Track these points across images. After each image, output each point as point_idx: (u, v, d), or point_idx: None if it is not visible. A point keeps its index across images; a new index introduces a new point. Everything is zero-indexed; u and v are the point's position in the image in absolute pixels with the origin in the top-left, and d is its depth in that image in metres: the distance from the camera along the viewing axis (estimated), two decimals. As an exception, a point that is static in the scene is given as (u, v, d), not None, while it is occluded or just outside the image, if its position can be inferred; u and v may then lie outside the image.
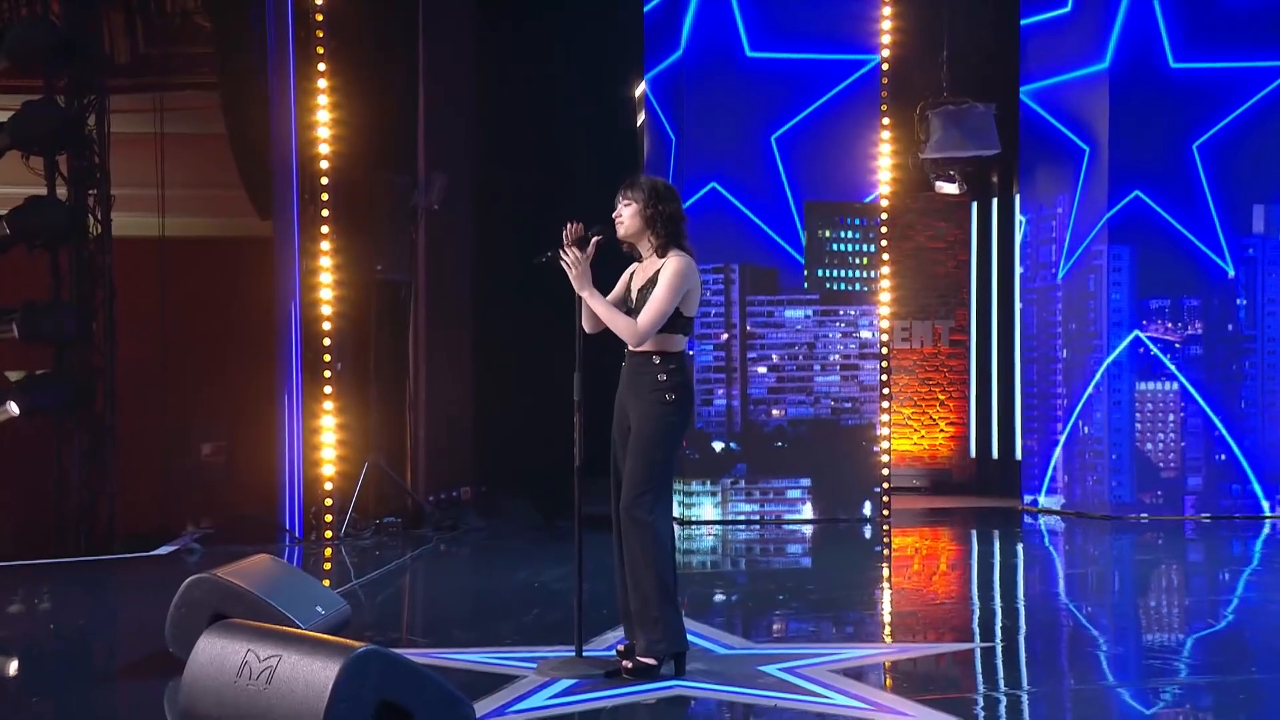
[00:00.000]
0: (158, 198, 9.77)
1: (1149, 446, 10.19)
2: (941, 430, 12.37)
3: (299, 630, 3.73)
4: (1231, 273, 10.03)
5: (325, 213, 8.78)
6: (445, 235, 9.96)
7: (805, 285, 9.87)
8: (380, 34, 9.31)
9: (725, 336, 9.71)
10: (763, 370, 9.82)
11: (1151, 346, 10.18)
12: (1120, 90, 10.08)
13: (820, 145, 9.83)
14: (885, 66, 9.94)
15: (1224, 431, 10.23)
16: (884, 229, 9.97)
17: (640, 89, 10.72)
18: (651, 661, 4.65)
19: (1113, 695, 4.64)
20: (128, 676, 4.88)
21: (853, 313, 9.94)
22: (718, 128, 9.77)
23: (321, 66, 8.75)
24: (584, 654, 4.82)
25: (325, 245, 8.77)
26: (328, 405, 8.77)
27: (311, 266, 8.77)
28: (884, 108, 9.93)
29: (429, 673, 3.65)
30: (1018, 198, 11.69)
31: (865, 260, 9.97)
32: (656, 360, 4.78)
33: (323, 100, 8.78)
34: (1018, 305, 11.72)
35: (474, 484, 10.02)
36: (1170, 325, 10.19)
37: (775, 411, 9.82)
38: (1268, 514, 10.13)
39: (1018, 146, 10.92)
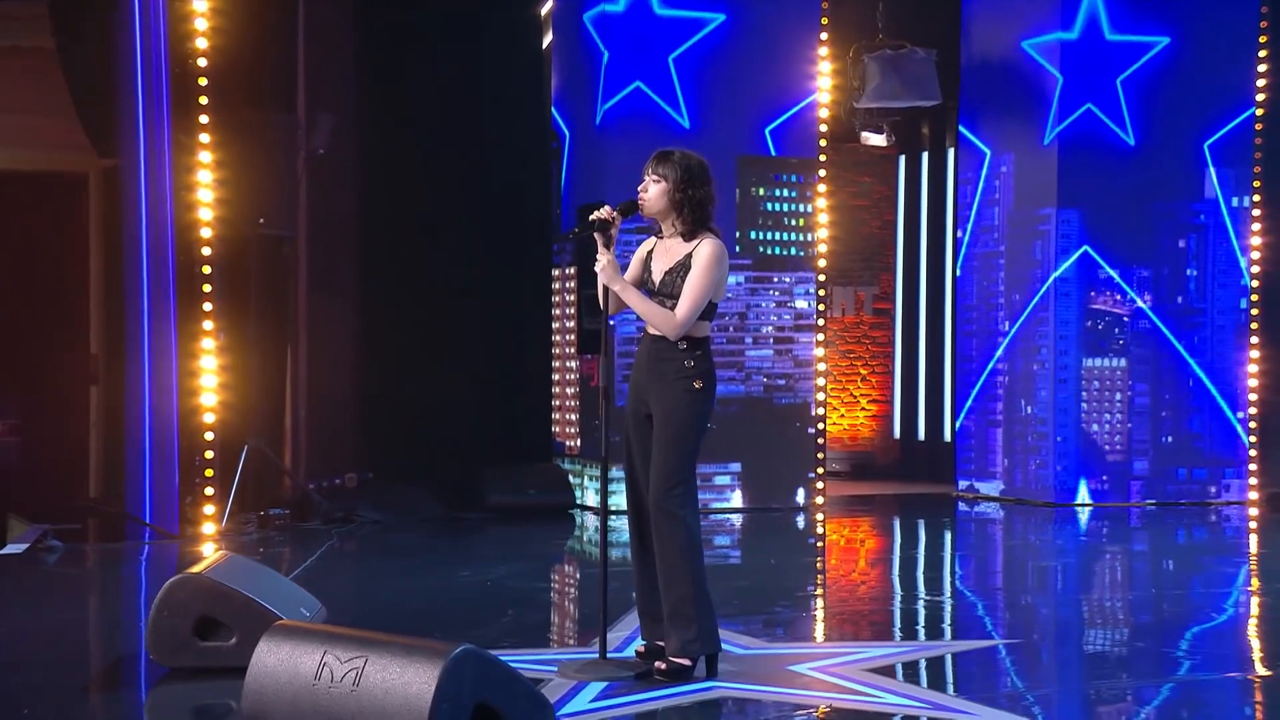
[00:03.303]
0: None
1: (1095, 428, 11.11)
2: (863, 409, 13.12)
3: (371, 633, 4.06)
4: (1132, 141, 11.03)
5: (207, 156, 8.91)
6: (328, 187, 10.16)
7: (737, 249, 10.42)
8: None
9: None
10: (689, 342, 10.33)
11: (1101, 320, 11.09)
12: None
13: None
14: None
15: (1171, 412, 11.24)
16: (822, 186, 10.60)
17: (548, 6, 11.09)
18: (686, 662, 5.10)
19: (1169, 690, 5.33)
20: (104, 687, 5.12)
21: (787, 280, 10.54)
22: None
23: (199, -13, 8.86)
24: (608, 655, 5.27)
25: (206, 195, 8.90)
26: (208, 381, 8.92)
27: (189, 220, 8.89)
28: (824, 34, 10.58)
29: (518, 673, 4.06)
30: (951, 152, 12.50)
31: (801, 222, 10.59)
32: (682, 346, 5.20)
33: (201, 25, 8.90)
34: (949, 271, 12.56)
35: (359, 470, 10.29)
36: (1120, 298, 11.11)
37: (703, 388, 10.35)
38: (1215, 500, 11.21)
39: (958, 95, 11.70)
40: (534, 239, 10.88)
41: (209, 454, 8.90)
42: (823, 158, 10.56)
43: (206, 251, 8.91)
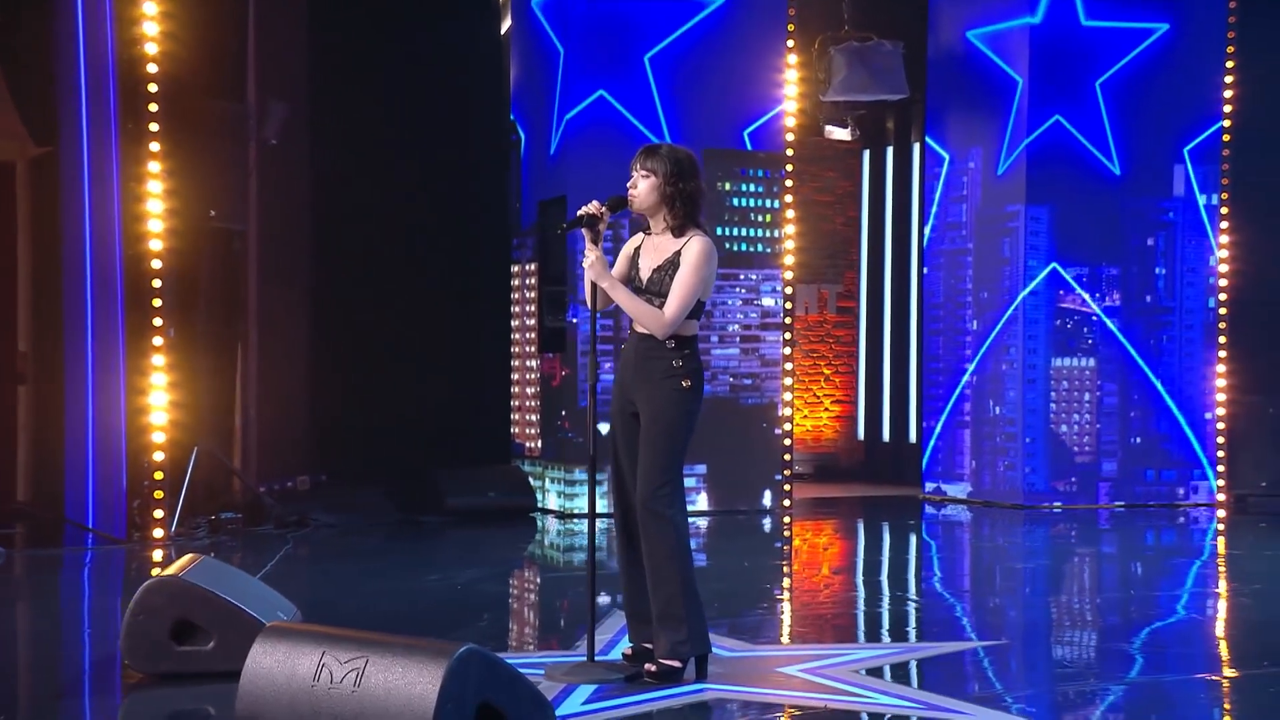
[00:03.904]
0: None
1: (1064, 429, 11.32)
2: (826, 409, 13.28)
3: (369, 633, 4.12)
4: (1117, 170, 11.21)
5: (155, 145, 8.90)
6: (280, 178, 10.18)
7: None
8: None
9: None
10: (653, 341, 10.43)
11: (1071, 319, 11.29)
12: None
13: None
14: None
15: (1140, 412, 11.46)
16: (789, 182, 10.73)
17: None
18: (676, 664, 5.19)
19: (1160, 689, 5.51)
20: (79, 694, 5.15)
21: (754, 277, 10.67)
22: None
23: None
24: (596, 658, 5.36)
25: (155, 186, 8.90)
26: (158, 380, 8.91)
27: (137, 211, 8.88)
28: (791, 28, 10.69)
29: (519, 672, 4.13)
30: (916, 146, 12.68)
31: (768, 218, 10.71)
32: (670, 345, 5.29)
33: (149, 10, 8.90)
34: (915, 268, 12.74)
35: (311, 473, 10.31)
36: (1089, 296, 11.31)
37: (667, 388, 10.46)
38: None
39: (925, 89, 11.88)
40: (492, 233, 10.94)
41: (158, 456, 8.88)
42: (790, 152, 10.68)
43: (155, 245, 8.90)
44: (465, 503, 9.97)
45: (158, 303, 8.92)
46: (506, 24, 11.17)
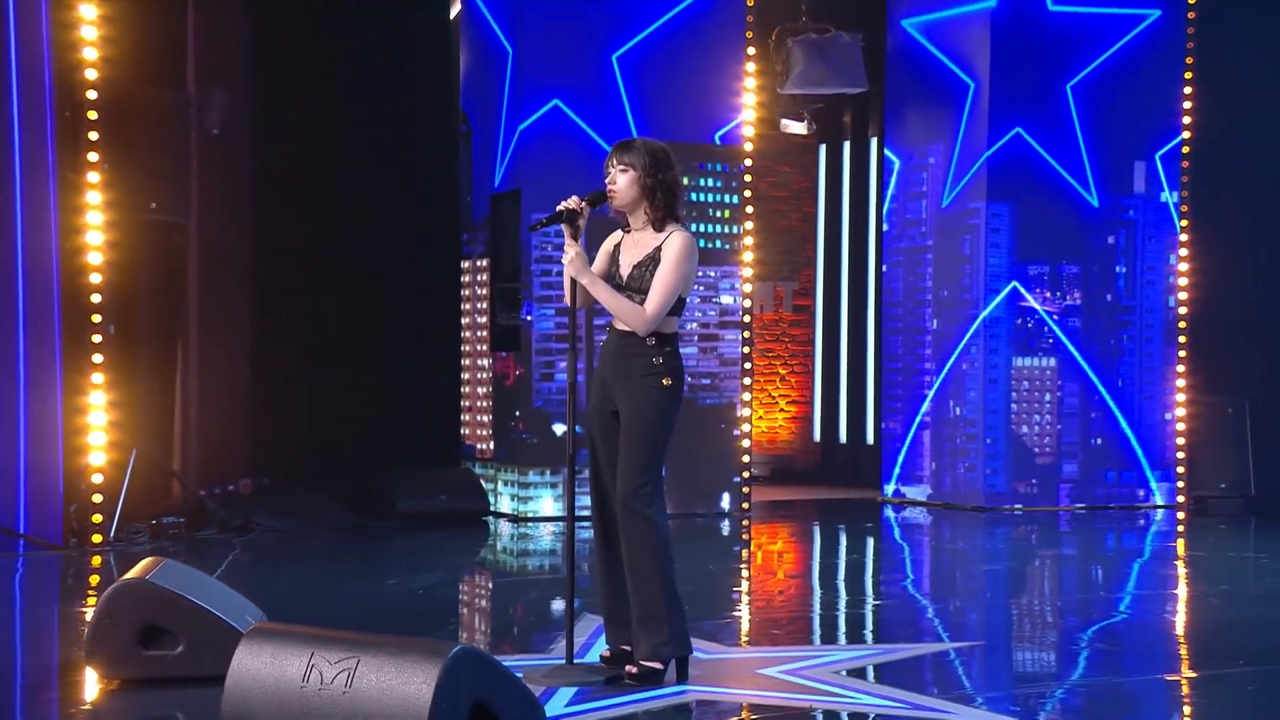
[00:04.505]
0: None
1: (1024, 430, 11.50)
2: (782, 410, 13.43)
3: (357, 634, 4.19)
4: (1096, 202, 11.42)
5: (94, 135, 8.88)
6: (222, 169, 10.18)
7: (659, 241, 10.61)
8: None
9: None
10: (609, 340, 10.51)
11: (1031, 318, 11.48)
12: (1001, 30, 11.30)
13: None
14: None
15: (1100, 413, 11.66)
16: (748, 177, 10.86)
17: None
18: (657, 666, 5.28)
19: (1134, 688, 5.67)
20: (44, 701, 5.17)
21: (713, 274, 10.77)
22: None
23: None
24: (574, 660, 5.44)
25: (93, 178, 8.87)
26: (97, 379, 8.88)
27: (75, 204, 8.86)
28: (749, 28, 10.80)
29: (511, 673, 4.22)
30: (874, 141, 12.85)
31: (727, 214, 10.83)
32: (651, 342, 5.40)
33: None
34: (872, 265, 12.91)
35: (254, 476, 10.30)
36: (1050, 295, 11.51)
37: (623, 388, 10.54)
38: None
39: (883, 83, 12.04)
40: (442, 227, 10.99)
41: (96, 459, 8.85)
42: (748, 147, 10.80)
43: (94, 239, 8.86)
44: (415, 506, 10.01)
45: (96, 299, 8.88)
46: (457, 8, 11.21)
